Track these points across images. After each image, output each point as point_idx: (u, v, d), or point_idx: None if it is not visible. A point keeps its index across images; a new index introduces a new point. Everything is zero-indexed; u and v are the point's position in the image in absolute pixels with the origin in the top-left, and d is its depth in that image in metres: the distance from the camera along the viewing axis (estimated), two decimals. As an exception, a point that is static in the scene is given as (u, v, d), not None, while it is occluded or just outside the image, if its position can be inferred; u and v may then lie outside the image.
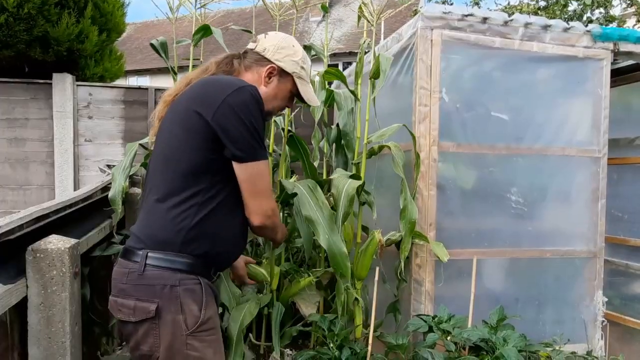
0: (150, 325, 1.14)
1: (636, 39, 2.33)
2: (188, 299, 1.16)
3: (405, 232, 1.96)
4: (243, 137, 1.17)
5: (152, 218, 1.22)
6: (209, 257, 1.23)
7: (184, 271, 1.18)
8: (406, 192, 1.96)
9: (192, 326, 1.16)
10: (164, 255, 1.17)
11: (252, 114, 1.18)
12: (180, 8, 2.30)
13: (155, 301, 1.14)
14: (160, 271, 1.16)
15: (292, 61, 1.38)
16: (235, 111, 1.16)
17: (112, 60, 4.80)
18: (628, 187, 2.77)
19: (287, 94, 1.42)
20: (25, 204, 3.89)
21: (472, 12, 2.13)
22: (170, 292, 1.15)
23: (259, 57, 1.37)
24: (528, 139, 2.27)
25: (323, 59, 2.68)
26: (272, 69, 1.36)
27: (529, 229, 2.28)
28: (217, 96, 1.16)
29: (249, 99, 1.18)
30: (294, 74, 1.39)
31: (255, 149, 1.19)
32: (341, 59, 12.46)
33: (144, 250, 1.17)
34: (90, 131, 4.09)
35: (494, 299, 2.19)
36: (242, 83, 1.22)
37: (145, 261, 1.16)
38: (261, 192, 1.24)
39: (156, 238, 1.19)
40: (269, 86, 1.36)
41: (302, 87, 1.42)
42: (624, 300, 2.78)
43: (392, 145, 2.04)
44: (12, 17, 3.60)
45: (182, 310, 1.15)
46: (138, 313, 1.15)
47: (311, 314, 2.16)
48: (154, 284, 1.15)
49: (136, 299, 1.15)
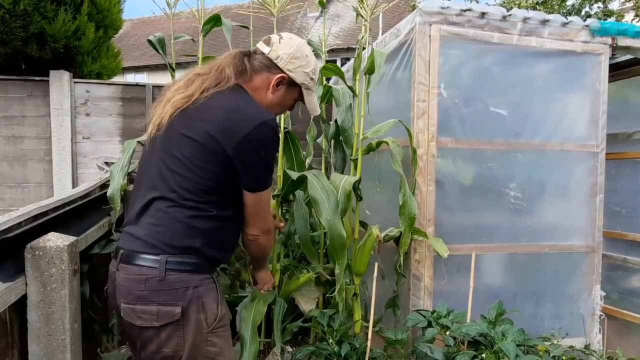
0: (175, 328, 1.17)
1: (634, 34, 2.32)
2: (208, 298, 1.22)
3: (405, 228, 1.97)
4: (258, 172, 1.26)
5: (167, 224, 1.21)
6: (216, 261, 1.32)
7: (202, 272, 1.23)
8: (405, 188, 1.96)
9: (212, 323, 1.21)
10: (184, 259, 1.20)
11: (269, 149, 1.26)
12: (177, 4, 2.28)
13: (179, 304, 1.17)
14: (182, 275, 1.19)
15: (303, 72, 1.38)
16: (255, 147, 1.21)
17: (109, 57, 4.78)
18: (626, 182, 2.78)
19: (292, 102, 1.44)
20: (23, 202, 3.89)
21: (470, 7, 2.12)
22: (193, 294, 1.19)
23: (271, 63, 1.35)
24: (527, 134, 2.28)
25: (321, 54, 2.67)
26: (282, 79, 1.35)
27: (528, 224, 2.29)
28: (240, 130, 1.20)
29: (270, 135, 1.23)
30: (302, 85, 1.40)
31: (266, 180, 1.30)
32: (339, 55, 12.42)
33: (163, 256, 1.18)
34: (88, 128, 4.07)
35: (492, 294, 2.20)
36: (264, 116, 1.24)
37: (165, 267, 1.17)
38: (263, 214, 1.35)
39: (175, 244, 1.20)
40: (276, 94, 1.36)
41: (308, 98, 1.43)
42: (622, 295, 2.79)
43: (390, 141, 2.04)
44: (8, 13, 3.58)
45: (203, 309, 1.20)
46: (162, 318, 1.16)
47: (310, 309, 2.17)
48: (177, 288, 1.18)
49: (158, 304, 1.16)
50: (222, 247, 1.31)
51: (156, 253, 1.18)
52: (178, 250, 1.20)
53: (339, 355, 1.88)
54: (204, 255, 1.24)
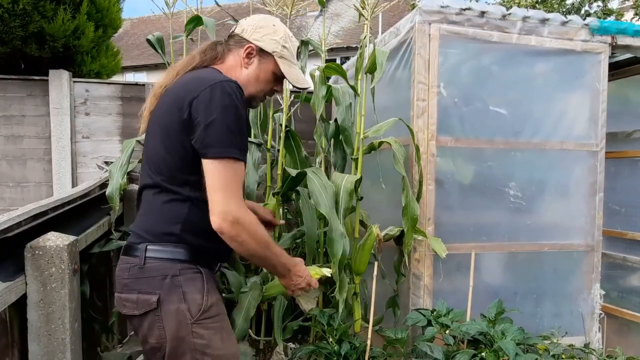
0: (154, 317, 1.16)
1: (634, 32, 2.32)
2: (190, 287, 1.17)
3: (408, 229, 1.97)
4: (213, 134, 1.13)
5: (150, 212, 1.23)
6: (204, 250, 1.23)
7: (184, 261, 1.19)
8: (408, 190, 1.96)
9: (196, 314, 1.17)
10: (163, 247, 1.18)
11: (226, 110, 1.14)
12: (176, 3, 2.28)
13: (156, 292, 1.15)
14: (161, 262, 1.17)
15: (271, 40, 1.32)
16: (206, 106, 1.14)
17: (108, 57, 4.78)
18: (625, 181, 2.78)
19: (269, 76, 1.34)
20: (23, 202, 3.88)
21: (469, 6, 2.12)
22: (171, 282, 1.16)
23: (238, 38, 1.33)
24: (526, 133, 2.28)
25: (320, 54, 2.67)
26: (251, 49, 1.31)
27: (527, 223, 2.29)
28: (193, 93, 1.16)
29: (225, 93, 1.14)
30: (274, 53, 1.32)
31: (223, 145, 1.14)
32: (339, 54, 12.41)
33: (144, 244, 1.19)
34: (87, 128, 4.07)
35: (492, 293, 2.20)
36: (221, 78, 1.19)
37: (145, 254, 1.17)
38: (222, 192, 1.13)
39: (154, 231, 1.20)
40: (249, 68, 1.32)
41: (285, 68, 1.34)
42: (622, 293, 2.79)
43: (392, 140, 2.04)
44: (7, 13, 3.57)
45: (184, 299, 1.16)
46: (141, 306, 1.16)
47: (311, 308, 2.17)
48: (155, 276, 1.16)
49: (138, 292, 1.16)
50: (207, 235, 1.17)
51: (140, 242, 1.20)
52: (157, 238, 1.19)
53: (339, 354, 1.88)
54: (187, 242, 1.19)
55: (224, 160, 1.13)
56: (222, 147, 1.13)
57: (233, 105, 1.15)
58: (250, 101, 1.35)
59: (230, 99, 1.15)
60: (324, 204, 1.89)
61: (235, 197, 1.14)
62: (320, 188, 1.93)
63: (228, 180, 1.13)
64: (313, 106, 2.36)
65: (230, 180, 1.14)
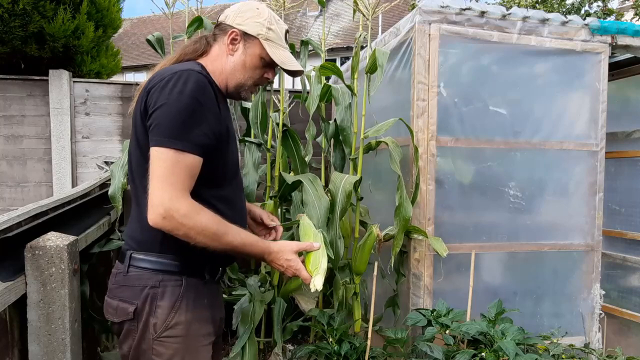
0: (130, 327, 1.13)
1: (634, 32, 2.32)
2: (164, 301, 1.11)
3: (398, 230, 1.97)
4: (162, 120, 1.05)
5: (133, 218, 1.20)
6: (195, 258, 1.14)
7: (167, 272, 1.13)
8: (402, 190, 1.96)
9: (159, 329, 1.11)
10: (146, 256, 1.14)
11: (181, 96, 1.06)
12: (176, 3, 2.28)
13: (134, 303, 1.11)
14: (143, 272, 1.13)
15: (255, 22, 1.24)
16: (160, 92, 1.07)
17: (108, 57, 4.77)
18: (625, 181, 2.78)
19: (257, 62, 1.25)
20: (23, 202, 3.88)
21: (469, 6, 2.12)
22: (148, 293, 1.11)
23: (222, 26, 1.26)
24: (526, 133, 2.28)
25: (320, 53, 2.67)
26: (235, 34, 1.23)
27: (527, 223, 2.29)
28: (151, 84, 1.10)
29: (184, 81, 1.07)
30: (259, 36, 1.23)
31: (170, 132, 1.04)
32: (339, 54, 12.42)
33: (129, 251, 1.15)
34: (87, 128, 4.07)
35: (492, 293, 2.20)
36: (184, 67, 1.11)
37: (129, 262, 1.14)
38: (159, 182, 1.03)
39: (137, 238, 1.16)
40: (235, 54, 1.23)
41: (271, 50, 1.24)
42: (621, 293, 2.79)
43: (390, 140, 2.04)
44: (7, 13, 3.57)
45: (155, 313, 1.11)
46: (119, 314, 1.13)
47: (310, 309, 2.17)
48: (135, 285, 1.12)
49: (119, 299, 1.14)
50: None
51: (127, 248, 1.17)
52: (141, 246, 1.14)
53: (339, 354, 1.88)
54: (172, 251, 1.12)
55: (164, 149, 1.04)
56: (164, 136, 1.04)
57: (189, 94, 1.06)
58: (239, 91, 1.27)
59: (185, 87, 1.06)
60: (317, 218, 1.88)
61: (171, 188, 1.03)
62: (315, 200, 1.92)
63: (166, 171, 1.03)
64: (307, 106, 2.36)
65: (169, 171, 1.03)
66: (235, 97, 1.29)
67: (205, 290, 1.19)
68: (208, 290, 1.21)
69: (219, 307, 1.28)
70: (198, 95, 1.08)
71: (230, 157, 1.24)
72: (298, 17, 15.16)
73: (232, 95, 1.28)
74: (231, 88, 1.25)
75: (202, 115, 1.08)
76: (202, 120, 1.08)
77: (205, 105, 1.09)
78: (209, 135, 1.10)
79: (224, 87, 1.25)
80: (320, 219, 1.89)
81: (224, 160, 1.19)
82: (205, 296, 1.19)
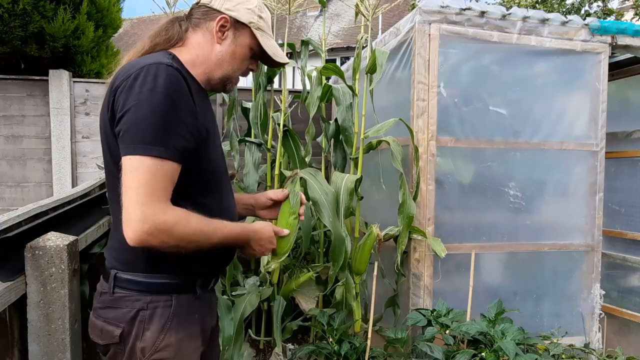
0: (116, 350, 1.04)
1: (634, 32, 2.32)
2: (152, 324, 1.02)
3: (403, 227, 1.97)
4: (130, 123, 0.92)
5: (113, 235, 1.09)
6: (186, 271, 1.07)
7: (155, 292, 1.04)
8: (405, 188, 1.97)
9: (147, 353, 1.02)
10: (132, 276, 1.04)
11: (152, 94, 0.93)
12: (177, 3, 2.28)
13: (120, 326, 1.02)
14: (129, 293, 1.04)
15: (246, 9, 1.12)
16: (128, 91, 0.94)
17: (108, 57, 4.77)
18: (625, 181, 2.78)
19: (246, 51, 1.14)
20: (23, 202, 3.88)
21: (469, 6, 2.12)
22: (135, 316, 1.02)
23: (205, 9, 1.11)
24: (526, 133, 2.28)
25: (321, 54, 2.67)
26: (224, 21, 1.10)
27: (527, 222, 2.29)
28: (117, 82, 0.97)
29: (142, 78, 0.94)
30: (251, 24, 1.12)
31: (141, 137, 0.92)
32: (339, 54, 12.41)
33: (113, 271, 1.06)
34: (87, 128, 4.07)
35: (492, 293, 2.20)
36: (153, 60, 0.98)
37: (114, 282, 1.05)
38: (136, 195, 0.90)
39: (119, 258, 1.06)
40: (224, 43, 1.11)
41: (263, 40, 1.15)
42: (621, 293, 2.79)
43: (391, 140, 2.04)
44: (7, 13, 3.57)
45: (142, 337, 1.02)
46: (104, 336, 1.05)
47: (311, 308, 2.17)
48: (122, 307, 1.03)
49: (104, 320, 1.05)
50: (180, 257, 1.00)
51: (110, 267, 1.07)
52: (124, 265, 1.04)
53: (339, 354, 1.88)
54: (162, 270, 1.04)
55: (138, 157, 0.91)
56: (137, 142, 0.92)
57: (161, 92, 0.93)
58: (225, 84, 1.16)
59: (156, 84, 0.93)
60: (327, 214, 1.81)
61: (152, 201, 0.91)
62: (322, 195, 1.83)
63: (144, 182, 0.91)
64: (307, 106, 2.36)
65: (146, 183, 0.91)
66: (219, 89, 1.17)
67: (197, 305, 1.11)
68: (200, 303, 1.12)
69: (211, 315, 1.20)
70: (171, 92, 0.94)
71: (213, 163, 1.10)
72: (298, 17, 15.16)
73: (215, 88, 1.16)
74: (216, 80, 1.13)
75: (178, 115, 0.96)
76: (178, 121, 0.95)
77: (180, 104, 0.96)
78: (187, 137, 0.97)
79: (205, 79, 1.12)
80: (330, 214, 1.82)
81: (203, 165, 1.06)
82: (196, 311, 1.10)
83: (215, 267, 1.17)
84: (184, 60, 1.07)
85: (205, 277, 1.14)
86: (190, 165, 1.00)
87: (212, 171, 1.11)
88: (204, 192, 1.08)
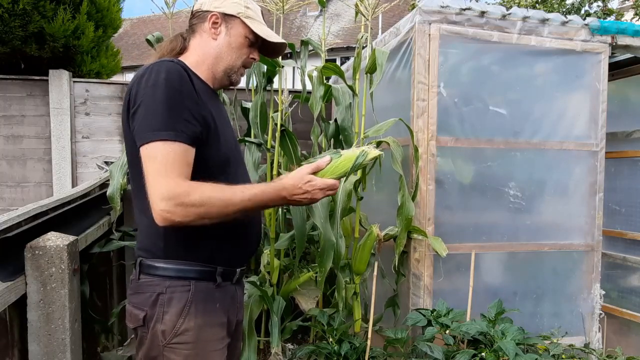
0: (142, 334, 1.12)
1: (634, 32, 2.32)
2: (171, 307, 1.09)
3: (401, 229, 1.97)
4: (141, 116, 1.03)
5: (138, 224, 1.17)
6: (203, 257, 1.13)
7: (173, 277, 1.11)
8: (404, 189, 1.96)
9: (168, 336, 1.09)
10: (153, 262, 1.12)
11: (157, 89, 1.03)
12: (176, 3, 2.28)
13: (144, 309, 1.10)
14: (151, 278, 1.12)
15: (232, 3, 1.22)
16: (137, 88, 1.06)
17: (108, 57, 4.77)
18: (625, 181, 2.78)
19: (242, 41, 1.23)
20: (23, 202, 3.88)
21: (470, 6, 2.12)
22: (156, 300, 1.10)
23: (199, 14, 1.23)
24: (526, 133, 2.28)
25: (320, 53, 2.67)
26: (215, 17, 1.21)
27: (527, 222, 2.29)
28: (130, 84, 1.09)
29: (147, 75, 1.05)
30: (239, 14, 1.22)
31: (152, 127, 1.01)
32: (339, 54, 12.41)
33: (139, 258, 1.15)
34: (87, 128, 4.07)
35: (492, 293, 2.20)
36: (160, 61, 1.09)
37: (139, 269, 1.14)
38: (157, 176, 0.99)
39: (143, 245, 1.15)
40: (219, 37, 1.21)
41: (254, 26, 1.23)
42: (621, 293, 2.79)
43: (391, 140, 2.04)
44: (7, 13, 3.57)
45: (162, 320, 1.09)
46: (132, 320, 1.13)
47: (310, 308, 2.17)
48: (145, 292, 1.12)
49: (133, 305, 1.14)
50: (197, 244, 1.11)
51: (137, 255, 1.16)
52: (147, 253, 1.13)
53: (339, 354, 1.88)
54: (178, 257, 1.11)
55: (150, 144, 1.01)
56: (146, 131, 1.01)
57: (163, 84, 1.03)
58: (229, 74, 1.24)
59: (158, 77, 1.04)
60: (318, 215, 1.87)
61: (168, 179, 0.99)
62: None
63: (159, 165, 0.99)
64: (311, 106, 2.36)
65: (161, 165, 0.99)
66: (226, 83, 1.25)
67: (218, 294, 1.16)
68: (222, 293, 1.17)
69: (236, 310, 1.24)
70: (172, 82, 1.04)
71: (224, 155, 1.16)
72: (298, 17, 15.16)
73: (222, 82, 1.24)
74: (220, 73, 1.22)
75: (180, 102, 1.04)
76: (181, 107, 1.04)
77: (181, 92, 1.05)
78: (192, 121, 1.05)
79: (210, 75, 1.21)
80: (322, 215, 1.87)
81: (215, 155, 1.13)
82: (217, 300, 1.15)
83: (235, 257, 1.21)
84: (189, 63, 1.17)
85: (225, 265, 1.17)
86: (202, 155, 1.08)
87: (225, 161, 1.17)
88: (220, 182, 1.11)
